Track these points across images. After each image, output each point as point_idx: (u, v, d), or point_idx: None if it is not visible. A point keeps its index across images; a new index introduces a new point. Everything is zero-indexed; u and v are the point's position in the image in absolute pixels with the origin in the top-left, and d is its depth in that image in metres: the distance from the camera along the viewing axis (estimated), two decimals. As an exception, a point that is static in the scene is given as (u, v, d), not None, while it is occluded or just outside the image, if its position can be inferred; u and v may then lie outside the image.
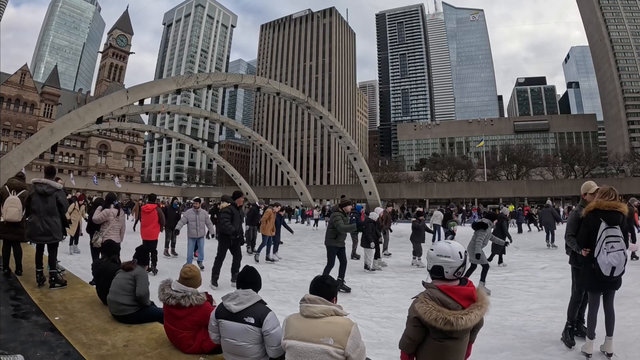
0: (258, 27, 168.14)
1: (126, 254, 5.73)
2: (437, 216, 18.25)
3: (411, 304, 2.67)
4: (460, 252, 2.66)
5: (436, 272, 2.69)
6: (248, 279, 3.40)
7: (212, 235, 16.84)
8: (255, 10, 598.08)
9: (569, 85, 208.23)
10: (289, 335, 2.79)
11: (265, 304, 3.34)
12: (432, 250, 2.75)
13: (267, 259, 12.43)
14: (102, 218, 7.61)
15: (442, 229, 17.52)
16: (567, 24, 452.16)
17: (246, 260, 9.57)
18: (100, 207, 7.85)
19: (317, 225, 30.48)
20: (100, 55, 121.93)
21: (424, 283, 2.78)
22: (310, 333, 2.69)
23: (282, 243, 17.17)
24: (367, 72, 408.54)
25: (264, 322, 3.12)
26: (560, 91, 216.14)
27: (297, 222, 35.84)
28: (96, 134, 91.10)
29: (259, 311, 3.18)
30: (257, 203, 15.37)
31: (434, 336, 2.55)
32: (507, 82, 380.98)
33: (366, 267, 10.65)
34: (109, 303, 4.59)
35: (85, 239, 11.94)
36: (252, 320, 3.13)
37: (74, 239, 12.56)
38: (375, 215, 11.31)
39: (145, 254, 5.02)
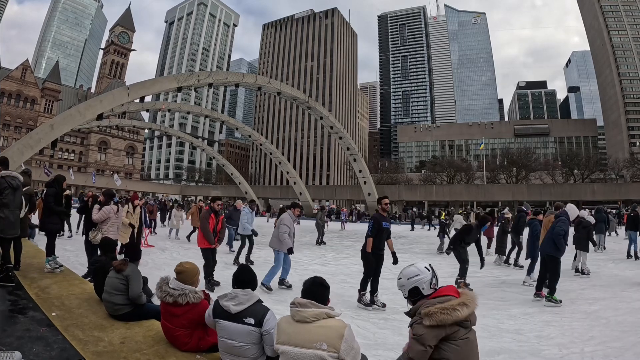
0: (259, 29, 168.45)
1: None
2: (458, 220, 18.56)
3: (413, 330, 2.64)
4: (426, 267, 2.80)
5: (415, 294, 2.77)
6: (244, 278, 3.38)
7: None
8: (256, 12, 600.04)
9: (570, 89, 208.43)
10: (280, 340, 2.75)
11: (262, 302, 3.34)
12: (400, 278, 2.85)
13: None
14: (102, 217, 7.54)
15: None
16: (566, 30, 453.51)
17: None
18: (97, 207, 7.79)
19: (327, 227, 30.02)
20: (101, 51, 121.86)
21: (407, 313, 2.83)
22: (303, 338, 2.65)
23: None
24: (367, 74, 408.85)
25: (264, 322, 3.11)
26: (560, 96, 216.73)
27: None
28: (96, 130, 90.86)
29: (259, 311, 3.18)
30: (523, 207, 12.71)
31: (456, 337, 2.56)
32: (506, 85, 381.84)
33: (580, 271, 10.20)
34: (105, 303, 4.58)
35: (78, 235, 11.98)
36: (252, 321, 3.12)
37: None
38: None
39: (135, 250, 4.96)
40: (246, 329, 3.12)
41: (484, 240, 14.86)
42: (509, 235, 13.19)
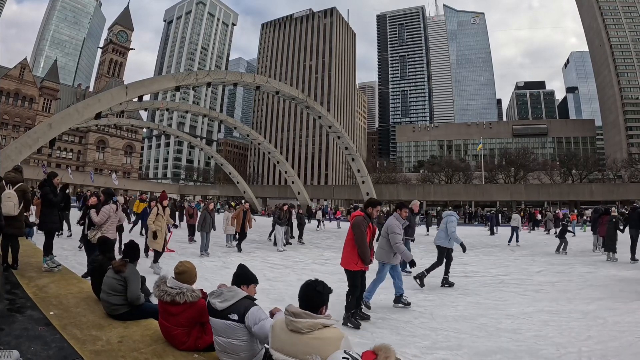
0: (258, 28, 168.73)
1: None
2: (516, 219, 19.41)
3: None
4: (344, 357, 2.54)
5: None
6: (237, 273, 3.46)
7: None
8: (255, 12, 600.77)
9: (569, 90, 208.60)
10: (275, 346, 2.72)
11: (254, 299, 3.32)
12: None
13: None
14: (104, 218, 7.51)
15: (518, 230, 19.09)
16: (563, 31, 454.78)
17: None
18: (94, 210, 7.74)
19: (322, 226, 29.11)
20: (100, 50, 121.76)
21: None
22: (296, 349, 2.59)
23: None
24: (365, 74, 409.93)
25: (245, 318, 3.11)
26: (558, 96, 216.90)
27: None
28: (94, 129, 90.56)
29: (242, 307, 3.18)
30: (637, 205, 11.97)
31: None
32: (504, 86, 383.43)
33: None
34: (102, 303, 4.57)
35: (77, 234, 11.87)
36: (236, 317, 3.13)
37: (158, 255, 9.86)
38: None
39: (135, 250, 4.94)
40: (231, 325, 3.14)
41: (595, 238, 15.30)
42: (617, 232, 13.52)
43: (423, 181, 76.00)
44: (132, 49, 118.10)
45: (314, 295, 2.77)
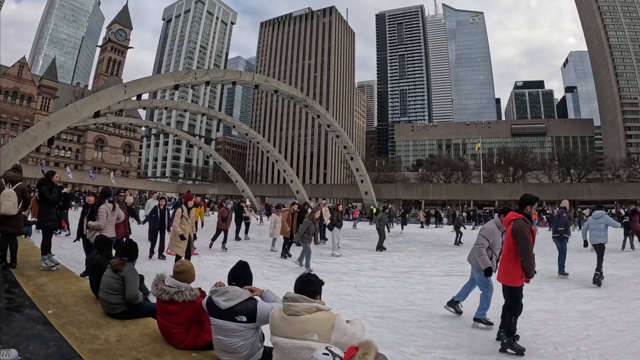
0: (257, 27, 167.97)
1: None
2: None
3: None
4: (324, 353, 2.58)
5: None
6: (240, 274, 3.46)
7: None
8: (254, 11, 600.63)
9: (567, 89, 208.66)
10: (274, 332, 2.84)
11: (255, 300, 3.35)
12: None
13: None
14: (104, 219, 7.45)
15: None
16: (561, 31, 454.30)
17: None
18: (92, 222, 7.68)
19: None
20: (98, 49, 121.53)
21: None
22: (294, 330, 2.73)
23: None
24: (364, 73, 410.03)
25: (257, 316, 3.18)
26: (557, 96, 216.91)
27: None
28: (93, 128, 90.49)
29: (249, 307, 3.21)
30: None
31: None
32: (502, 86, 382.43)
33: None
34: (101, 302, 4.57)
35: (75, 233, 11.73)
36: (244, 319, 3.16)
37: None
38: None
39: (133, 249, 4.92)
40: (239, 327, 3.16)
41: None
42: None
43: (422, 180, 76.13)
44: (130, 47, 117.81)
45: (308, 285, 3.02)
